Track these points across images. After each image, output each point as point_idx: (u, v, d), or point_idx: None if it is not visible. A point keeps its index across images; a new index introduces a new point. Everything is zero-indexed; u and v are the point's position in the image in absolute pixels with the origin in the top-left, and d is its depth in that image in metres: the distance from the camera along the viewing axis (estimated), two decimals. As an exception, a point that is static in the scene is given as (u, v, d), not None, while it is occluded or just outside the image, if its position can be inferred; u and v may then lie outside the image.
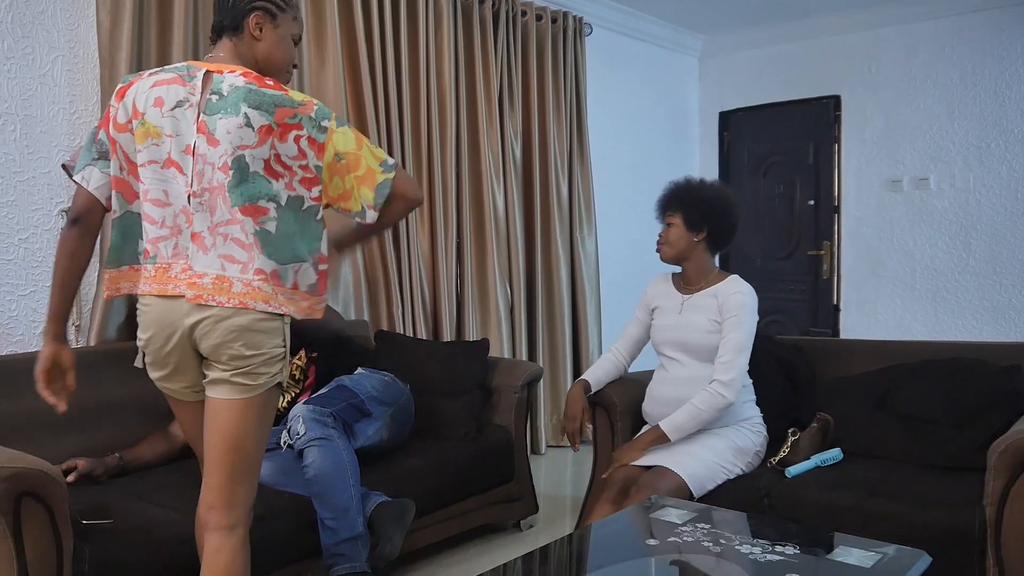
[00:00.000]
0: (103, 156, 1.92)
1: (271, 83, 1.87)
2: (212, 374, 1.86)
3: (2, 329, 2.94)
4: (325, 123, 1.88)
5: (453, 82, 4.26)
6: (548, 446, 4.80)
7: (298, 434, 2.58)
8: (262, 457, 1.96)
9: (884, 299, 5.63)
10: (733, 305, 2.68)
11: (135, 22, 3.06)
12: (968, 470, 2.52)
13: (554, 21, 4.86)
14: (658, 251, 2.85)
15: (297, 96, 1.88)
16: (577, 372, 4.92)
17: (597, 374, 3.01)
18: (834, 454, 2.74)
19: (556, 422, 4.84)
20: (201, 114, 1.83)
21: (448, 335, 4.22)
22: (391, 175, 1.92)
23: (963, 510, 2.30)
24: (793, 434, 2.75)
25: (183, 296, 1.83)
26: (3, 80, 2.92)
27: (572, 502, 3.81)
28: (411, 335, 4.01)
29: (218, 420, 1.86)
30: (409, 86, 4.07)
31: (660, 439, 2.67)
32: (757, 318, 2.74)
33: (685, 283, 2.86)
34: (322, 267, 1.91)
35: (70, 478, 2.40)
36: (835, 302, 5.83)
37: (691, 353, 2.76)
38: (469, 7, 4.39)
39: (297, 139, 1.85)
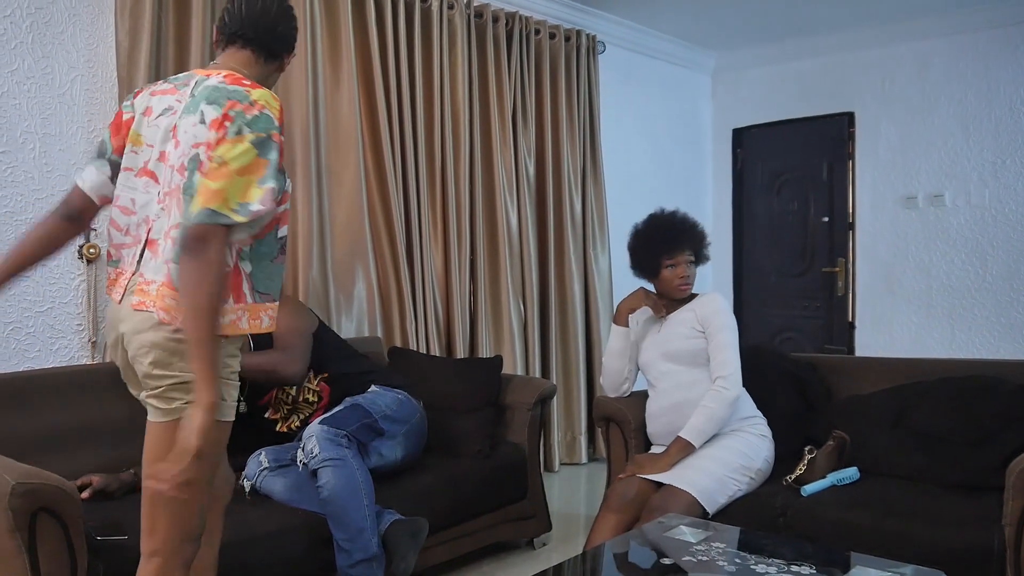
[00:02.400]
0: (102, 156, 1.95)
1: (248, 82, 1.80)
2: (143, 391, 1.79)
3: (19, 345, 2.96)
4: (246, 131, 1.72)
5: (467, 100, 4.29)
6: (561, 463, 4.78)
7: (312, 454, 2.58)
8: (189, 495, 1.71)
9: (900, 316, 5.59)
10: (711, 312, 2.83)
11: (153, 42, 3.10)
12: (986, 489, 2.50)
13: (567, 39, 4.88)
14: (683, 289, 2.91)
15: (255, 94, 1.77)
16: (591, 389, 4.91)
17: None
18: (851, 473, 2.72)
19: (569, 439, 4.83)
20: (177, 119, 1.80)
21: (461, 352, 4.22)
22: (218, 220, 1.65)
23: (981, 530, 2.27)
24: (809, 452, 2.73)
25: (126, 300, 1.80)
26: (23, 99, 2.96)
27: (585, 520, 3.79)
28: (424, 352, 4.01)
29: (146, 440, 1.77)
30: (423, 104, 4.10)
31: (686, 448, 2.68)
32: (734, 317, 2.88)
33: (665, 308, 2.96)
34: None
35: (85, 494, 2.41)
36: (850, 319, 5.80)
37: (676, 360, 2.86)
38: (483, 26, 4.42)
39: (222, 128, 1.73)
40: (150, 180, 1.83)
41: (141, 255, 1.81)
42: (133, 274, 1.82)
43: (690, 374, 2.82)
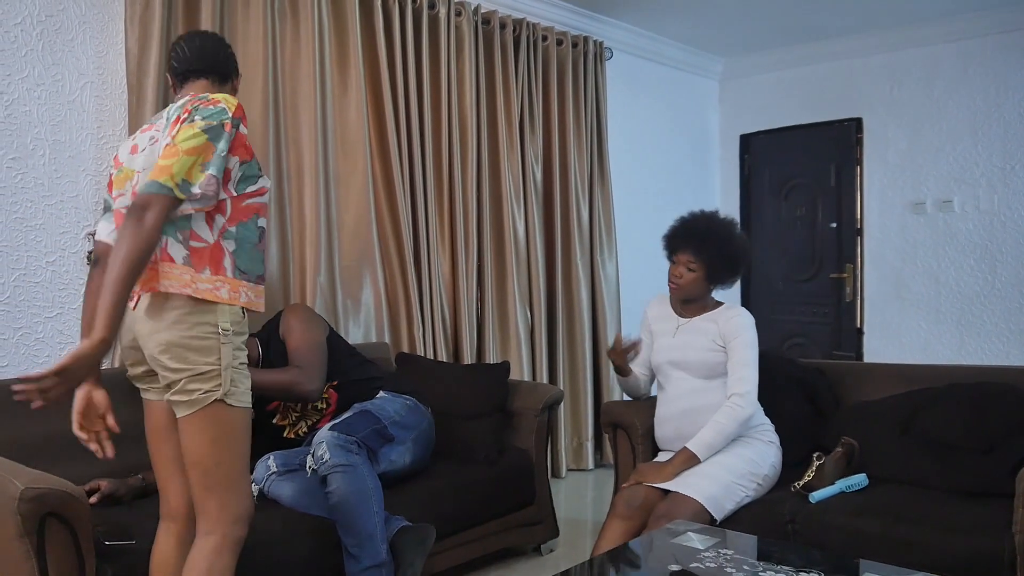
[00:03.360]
0: (107, 210, 2.14)
1: (211, 99, 1.94)
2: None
3: (29, 351, 2.97)
4: (198, 118, 1.87)
5: (474, 106, 4.29)
6: (568, 469, 4.78)
7: (322, 459, 2.58)
8: (234, 471, 1.93)
9: (908, 322, 5.57)
10: (734, 327, 2.80)
11: (163, 49, 3.12)
12: (996, 496, 2.48)
13: (575, 46, 4.89)
14: (672, 287, 2.91)
15: (216, 95, 1.95)
16: (597, 395, 4.91)
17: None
18: (859, 479, 2.71)
19: (576, 445, 4.83)
20: (160, 144, 1.95)
21: (469, 358, 4.22)
22: (162, 191, 1.79)
23: (991, 537, 2.26)
24: (818, 458, 2.72)
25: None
26: (33, 106, 2.98)
27: (592, 526, 3.78)
28: (432, 357, 4.01)
29: (181, 440, 1.93)
30: (431, 111, 4.10)
31: (690, 460, 2.67)
32: (757, 334, 2.84)
33: (684, 309, 2.95)
34: (194, 244, 1.89)
35: (93, 499, 2.42)
36: (858, 325, 5.78)
37: (688, 370, 2.85)
38: (490, 32, 4.43)
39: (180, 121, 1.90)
40: None
41: None
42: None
43: (699, 382, 2.82)
